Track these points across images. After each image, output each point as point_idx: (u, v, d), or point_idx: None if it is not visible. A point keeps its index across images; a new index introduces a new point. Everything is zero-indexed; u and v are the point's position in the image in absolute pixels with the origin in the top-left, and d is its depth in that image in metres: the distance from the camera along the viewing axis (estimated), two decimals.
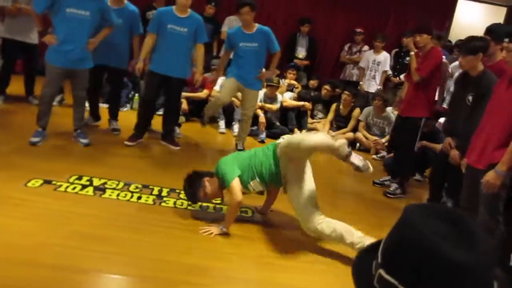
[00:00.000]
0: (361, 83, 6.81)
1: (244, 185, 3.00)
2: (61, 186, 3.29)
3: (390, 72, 6.77)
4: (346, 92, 6.08)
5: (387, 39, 6.79)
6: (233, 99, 5.33)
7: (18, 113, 4.99)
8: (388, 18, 7.65)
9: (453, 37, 7.80)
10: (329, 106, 6.29)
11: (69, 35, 3.92)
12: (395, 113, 5.26)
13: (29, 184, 3.23)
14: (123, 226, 2.88)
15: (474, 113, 3.23)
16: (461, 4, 7.95)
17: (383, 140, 5.56)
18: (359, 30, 7.23)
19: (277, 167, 2.97)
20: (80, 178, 3.48)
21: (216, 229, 2.97)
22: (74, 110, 4.33)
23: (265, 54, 4.68)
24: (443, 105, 5.68)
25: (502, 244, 2.65)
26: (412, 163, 4.47)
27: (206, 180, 3.07)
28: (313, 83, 6.87)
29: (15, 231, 2.61)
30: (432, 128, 4.75)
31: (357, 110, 6.02)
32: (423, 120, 4.17)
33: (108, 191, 3.33)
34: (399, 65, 6.84)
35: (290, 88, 6.54)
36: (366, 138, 5.79)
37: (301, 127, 6.05)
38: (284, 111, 6.12)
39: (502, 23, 7.03)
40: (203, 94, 5.84)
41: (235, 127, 5.63)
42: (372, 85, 6.70)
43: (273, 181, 3.04)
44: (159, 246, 2.72)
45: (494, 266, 0.76)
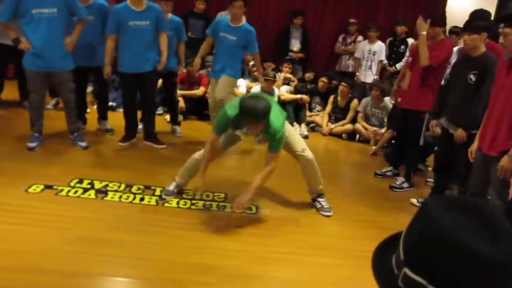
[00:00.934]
0: (357, 73, 6.78)
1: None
2: (62, 190, 3.26)
3: (385, 62, 6.74)
4: (343, 83, 6.05)
5: (381, 29, 6.75)
6: (232, 95, 5.28)
7: (14, 118, 4.94)
8: (379, 7, 7.60)
9: (448, 23, 7.76)
10: (327, 98, 6.26)
11: (40, 36, 3.82)
12: (392, 102, 5.23)
13: (30, 190, 3.20)
14: (127, 228, 2.85)
15: (480, 90, 3.27)
16: None
17: (382, 131, 5.54)
18: (352, 20, 7.18)
19: None
20: (81, 181, 3.44)
21: (244, 198, 2.97)
22: (66, 114, 4.27)
23: (242, 52, 4.67)
24: None
25: None
26: (418, 156, 4.40)
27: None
28: (309, 75, 6.84)
29: (16, 237, 2.58)
30: None
31: (355, 101, 5.99)
32: (427, 114, 4.08)
33: (110, 194, 3.30)
34: (394, 54, 6.81)
35: (286, 82, 6.50)
36: (365, 129, 5.76)
37: (299, 121, 6.02)
38: (281, 105, 6.06)
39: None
40: (199, 92, 5.81)
41: None
42: (368, 75, 6.67)
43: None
44: (163, 246, 2.69)
45: None
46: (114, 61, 4.45)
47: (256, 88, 5.83)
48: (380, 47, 6.68)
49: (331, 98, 6.15)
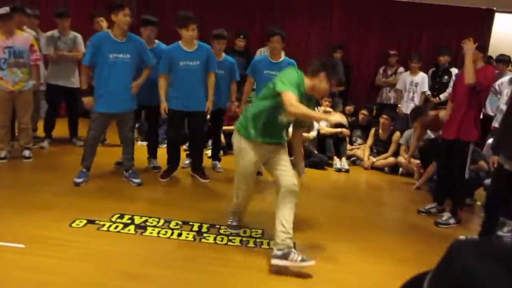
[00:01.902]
0: (399, 105, 6.67)
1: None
2: (104, 225, 3.35)
3: (429, 93, 6.60)
4: (384, 115, 5.96)
5: (422, 59, 6.66)
6: None
7: (63, 154, 5.18)
8: (421, 37, 7.51)
9: (492, 51, 7.54)
10: (368, 131, 6.18)
11: (113, 79, 4.06)
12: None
13: (74, 225, 3.31)
14: (164, 264, 2.88)
15: None
16: (498, 16, 7.70)
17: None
18: (392, 52, 7.14)
19: None
20: (122, 216, 3.53)
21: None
22: (124, 150, 4.45)
23: None
24: (494, 124, 5.45)
25: None
26: (464, 189, 4.21)
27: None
28: (349, 108, 6.79)
29: (56, 270, 2.66)
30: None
31: (397, 134, 5.87)
32: (471, 144, 3.94)
33: (149, 229, 3.36)
34: (437, 84, 6.66)
35: None
36: (409, 162, 5.60)
37: (340, 154, 5.94)
38: (321, 139, 6.05)
39: None
40: None
41: None
42: (411, 107, 6.52)
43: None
44: (198, 283, 2.69)
45: None
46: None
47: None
48: (422, 78, 6.56)
49: (372, 131, 6.06)
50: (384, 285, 2.87)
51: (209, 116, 5.21)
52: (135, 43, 4.17)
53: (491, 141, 5.16)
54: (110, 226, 3.35)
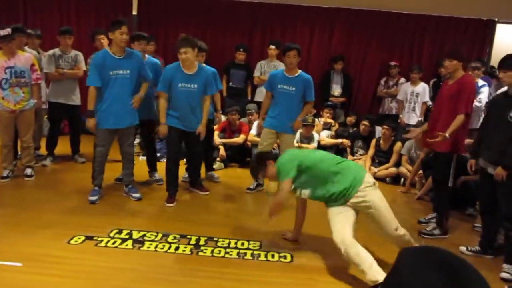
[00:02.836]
0: (400, 116, 6.65)
1: (295, 187, 3.23)
2: (102, 241, 3.36)
3: (430, 103, 6.58)
4: (385, 126, 5.95)
5: (423, 70, 6.66)
6: None
7: (65, 172, 5.21)
8: (422, 48, 7.52)
9: (495, 62, 7.52)
10: (369, 141, 6.16)
11: (114, 95, 4.11)
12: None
13: (72, 241, 3.32)
14: (161, 279, 2.88)
15: None
16: (500, 27, 7.70)
17: None
18: (393, 63, 7.14)
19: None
20: (120, 232, 3.54)
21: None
22: (124, 166, 4.48)
23: (301, 101, 4.66)
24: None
25: None
26: (447, 200, 4.08)
27: (270, 163, 3.34)
28: (350, 119, 6.79)
29: None
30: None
31: (398, 144, 5.85)
32: (455, 156, 3.88)
33: (147, 243, 3.36)
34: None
35: (327, 127, 6.49)
36: (410, 172, 5.57)
37: None
38: (322, 149, 6.04)
39: None
40: (239, 139, 5.90)
41: None
42: (412, 117, 6.53)
43: (321, 199, 3.21)
44: None
45: None
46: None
47: (296, 134, 5.85)
48: (423, 88, 6.55)
49: (373, 142, 6.04)
50: None
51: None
52: (134, 59, 4.21)
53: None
54: (108, 241, 3.36)
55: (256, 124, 5.50)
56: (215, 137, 5.47)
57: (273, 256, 3.30)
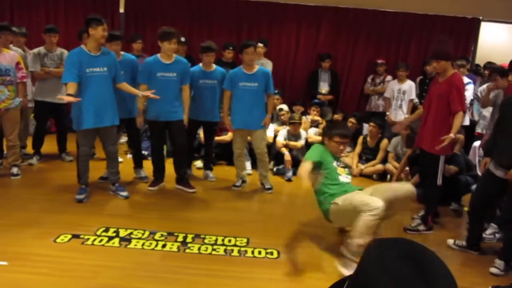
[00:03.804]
0: (387, 113, 6.72)
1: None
2: (88, 239, 3.35)
3: (416, 100, 6.65)
4: (372, 123, 6.00)
5: (410, 68, 6.72)
6: None
7: (52, 170, 5.18)
8: (408, 46, 7.59)
9: (480, 59, 7.64)
10: (356, 139, 6.21)
11: (92, 94, 4.04)
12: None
13: (58, 240, 3.31)
14: (147, 276, 2.89)
15: None
16: (484, 26, 7.81)
17: None
18: (380, 61, 7.20)
19: None
20: (107, 230, 3.54)
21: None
22: (109, 165, 4.46)
23: (264, 95, 4.79)
24: (478, 130, 5.49)
25: None
26: (435, 198, 4.11)
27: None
28: (337, 117, 6.81)
29: (40, 287, 2.65)
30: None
31: (385, 141, 5.90)
32: (442, 157, 3.86)
33: (134, 241, 3.37)
34: (424, 92, 6.69)
35: (315, 124, 6.53)
36: (397, 169, 5.63)
37: None
38: (310, 147, 6.07)
39: None
40: (227, 137, 5.91)
41: None
42: (399, 115, 6.58)
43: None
44: None
45: None
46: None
47: (283, 132, 5.89)
48: (410, 86, 6.62)
49: (360, 139, 6.09)
50: None
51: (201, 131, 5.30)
52: (109, 56, 4.18)
53: (477, 143, 5.20)
54: (94, 240, 3.35)
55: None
56: (201, 135, 5.48)
57: (260, 253, 3.32)
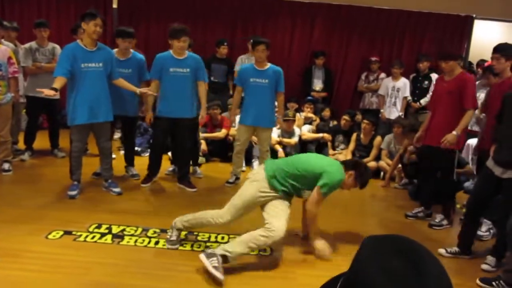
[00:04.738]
0: (382, 110, 6.74)
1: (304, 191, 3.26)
2: (80, 236, 3.34)
3: (410, 98, 6.68)
4: (365, 120, 6.01)
5: (404, 66, 6.74)
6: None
7: (44, 166, 5.15)
8: (402, 43, 7.61)
9: (473, 57, 7.68)
10: (350, 136, 6.22)
11: (87, 89, 4.02)
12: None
13: (50, 236, 3.29)
14: (140, 273, 2.88)
15: None
16: (478, 23, 7.85)
17: None
18: (374, 58, 7.22)
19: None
20: (99, 226, 3.52)
21: (323, 245, 3.23)
22: (102, 161, 4.44)
23: (274, 93, 4.76)
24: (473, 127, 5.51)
25: None
26: (454, 191, 4.35)
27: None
28: (325, 113, 6.81)
29: (32, 284, 2.64)
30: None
31: (378, 138, 5.92)
32: (457, 152, 4.06)
33: (126, 238, 3.35)
34: (418, 90, 6.74)
35: (308, 121, 6.53)
36: (390, 166, 5.65)
37: None
38: (303, 144, 6.09)
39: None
40: (221, 134, 5.90)
41: (254, 164, 5.63)
42: (393, 112, 6.62)
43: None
44: None
45: None
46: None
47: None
48: (404, 83, 6.65)
49: (354, 136, 6.11)
50: None
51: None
52: (105, 52, 4.15)
53: (471, 141, 5.23)
54: (87, 236, 3.34)
55: (237, 119, 5.50)
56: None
57: (252, 250, 3.31)
